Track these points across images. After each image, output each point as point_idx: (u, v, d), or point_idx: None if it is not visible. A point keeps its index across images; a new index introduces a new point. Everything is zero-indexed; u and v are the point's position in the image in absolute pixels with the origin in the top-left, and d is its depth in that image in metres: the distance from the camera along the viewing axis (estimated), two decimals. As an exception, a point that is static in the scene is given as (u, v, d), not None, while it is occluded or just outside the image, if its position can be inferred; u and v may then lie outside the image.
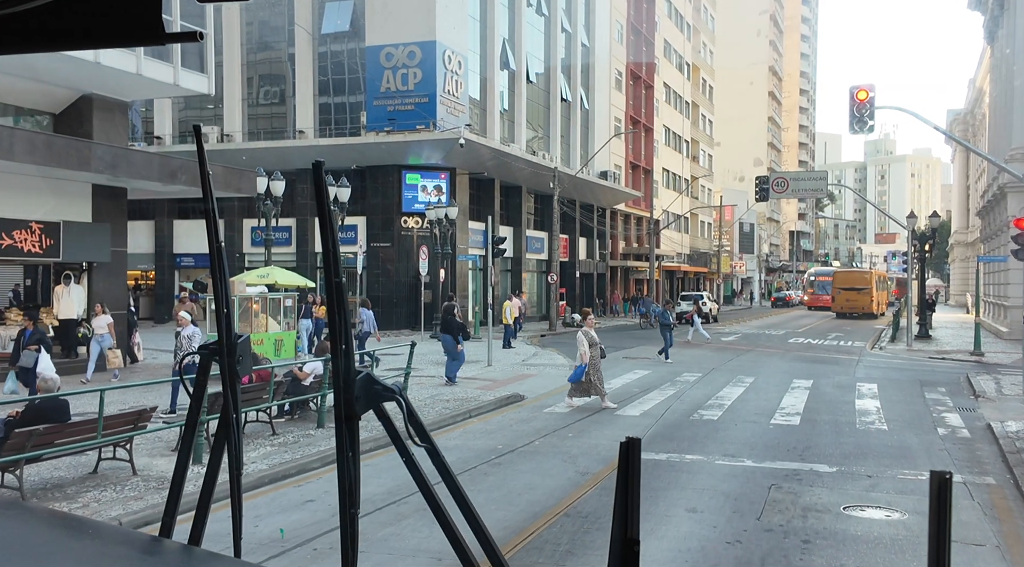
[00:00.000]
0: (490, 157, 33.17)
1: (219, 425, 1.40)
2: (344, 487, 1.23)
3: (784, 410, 13.91)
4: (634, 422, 12.40)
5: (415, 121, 31.07)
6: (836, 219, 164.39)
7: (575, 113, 46.33)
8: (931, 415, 13.79)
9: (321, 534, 6.74)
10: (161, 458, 9.31)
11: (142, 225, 35.05)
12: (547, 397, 15.03)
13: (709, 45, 78.21)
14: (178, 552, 1.23)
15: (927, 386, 17.86)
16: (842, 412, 13.84)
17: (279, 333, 16.38)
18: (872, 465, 9.68)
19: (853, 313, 47.33)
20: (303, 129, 32.84)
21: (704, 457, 9.90)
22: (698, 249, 72.44)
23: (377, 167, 31.57)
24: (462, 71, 32.71)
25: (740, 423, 12.51)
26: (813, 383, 17.86)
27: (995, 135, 42.56)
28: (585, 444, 10.61)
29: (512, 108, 39.35)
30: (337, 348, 1.22)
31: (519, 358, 21.67)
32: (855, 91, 16.41)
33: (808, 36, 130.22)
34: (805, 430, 12.07)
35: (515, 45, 38.66)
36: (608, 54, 49.47)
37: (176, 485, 1.37)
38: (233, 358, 1.34)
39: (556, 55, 43.23)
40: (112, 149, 15.63)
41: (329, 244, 1.24)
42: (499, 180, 37.00)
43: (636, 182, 55.51)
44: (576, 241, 45.52)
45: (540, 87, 42.46)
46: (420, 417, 1.24)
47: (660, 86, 60.60)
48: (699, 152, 74.61)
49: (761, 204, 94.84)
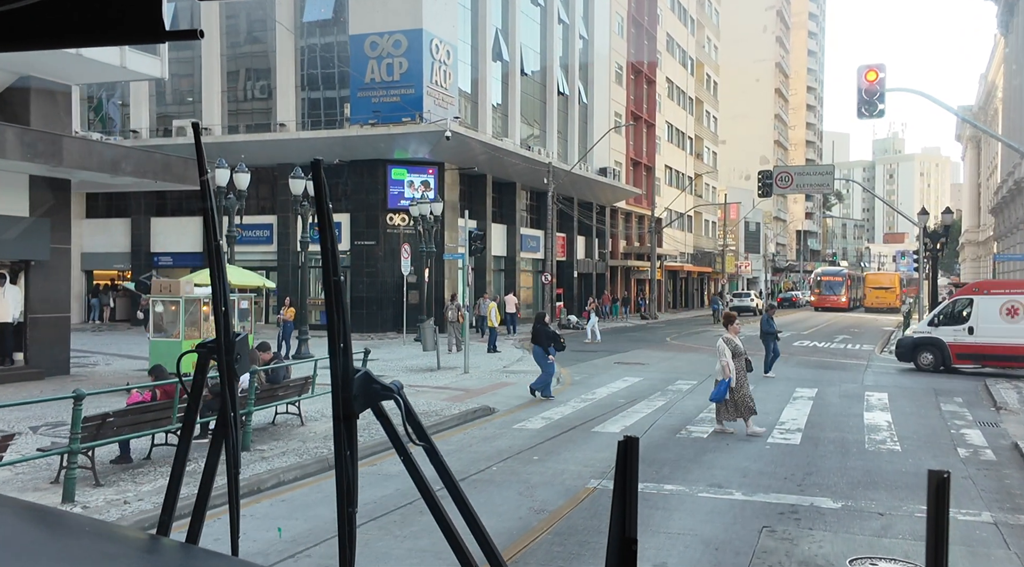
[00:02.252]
0: (481, 151, 31.74)
1: (217, 424, 1.37)
2: (342, 486, 1.22)
3: (784, 425, 12.42)
4: (611, 442, 10.88)
5: (401, 113, 29.66)
6: (844, 218, 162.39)
7: (573, 108, 44.84)
8: (949, 432, 12.29)
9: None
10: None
11: (118, 223, 33.78)
12: (520, 410, 13.57)
13: (714, 40, 76.55)
14: (176, 550, 1.23)
15: (942, 396, 16.35)
16: (849, 428, 12.35)
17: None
18: (884, 498, 8.20)
19: (882, 307, 60.68)
20: (285, 122, 31.47)
21: (686, 488, 8.42)
22: (702, 249, 70.77)
23: (362, 162, 30.19)
24: (451, 61, 31.27)
25: (733, 442, 11.03)
26: (818, 392, 16.37)
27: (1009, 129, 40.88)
28: (549, 471, 9.15)
29: (506, 101, 37.89)
30: (335, 346, 1.20)
31: (501, 364, 20.21)
32: (863, 72, 14.89)
33: (815, 33, 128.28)
34: (807, 451, 10.58)
35: (509, 36, 37.21)
36: (608, 47, 47.95)
37: (173, 483, 1.35)
38: (231, 356, 1.32)
39: (553, 47, 41.75)
40: (44, 135, 14.23)
41: (328, 243, 1.24)
42: (492, 176, 35.55)
43: (637, 179, 53.96)
44: (574, 240, 44.02)
45: (536, 80, 41.00)
46: (419, 416, 1.21)
47: (662, 81, 59.02)
48: (703, 149, 72.95)
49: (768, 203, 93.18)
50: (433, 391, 15.00)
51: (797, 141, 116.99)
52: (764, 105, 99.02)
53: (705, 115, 73.86)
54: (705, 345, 28.56)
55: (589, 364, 21.12)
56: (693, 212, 68.09)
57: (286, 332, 20.44)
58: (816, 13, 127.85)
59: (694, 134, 69.44)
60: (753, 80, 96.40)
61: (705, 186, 73.81)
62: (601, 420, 12.62)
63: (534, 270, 40.24)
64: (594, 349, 25.88)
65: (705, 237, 73.74)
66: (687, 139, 67.11)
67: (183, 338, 14.16)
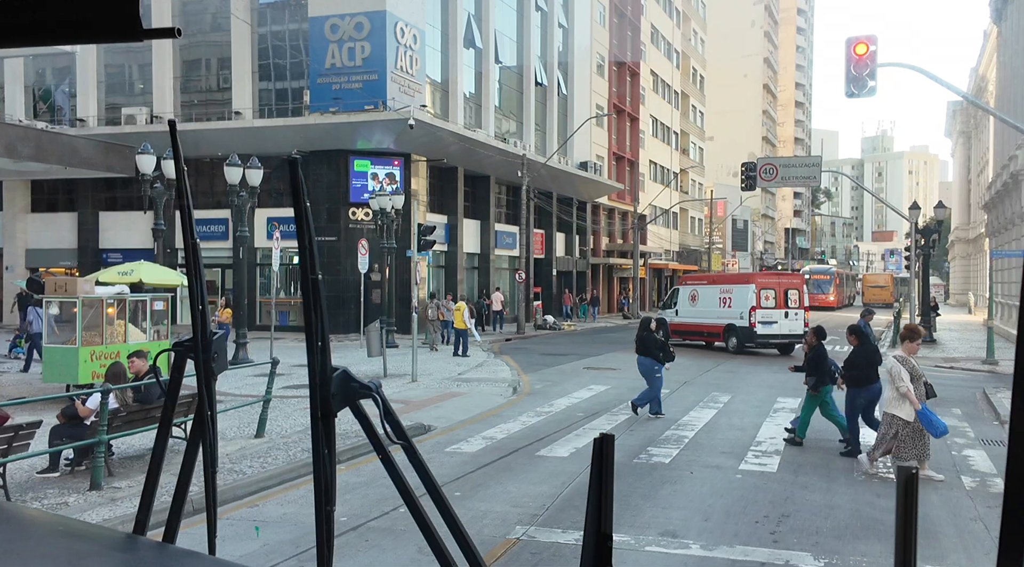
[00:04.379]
0: (451, 142, 30.01)
1: (194, 423, 1.37)
2: (320, 485, 1.22)
3: (761, 446, 10.79)
4: (556, 469, 9.24)
5: (363, 101, 27.88)
6: (833, 216, 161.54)
7: (552, 99, 43.14)
8: (950, 452, 10.69)
9: None
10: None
11: (65, 217, 31.92)
12: (463, 427, 11.87)
13: (700, 33, 74.95)
14: (152, 549, 1.23)
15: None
16: (835, 448, 10.73)
17: (142, 344, 13.20)
18: (877, 551, 6.55)
19: (878, 303, 63.29)
20: (240, 110, 29.62)
21: (631, 538, 6.75)
22: (688, 246, 69.25)
23: (322, 152, 28.40)
24: (418, 46, 29.49)
25: (698, 469, 9.38)
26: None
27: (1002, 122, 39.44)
28: (469, 513, 7.45)
29: (479, 91, 36.15)
30: (313, 345, 1.20)
31: (457, 370, 18.49)
32: (852, 44, 13.26)
33: (804, 29, 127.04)
34: (785, 480, 8.95)
35: (482, 22, 35.47)
36: (589, 37, 46.23)
37: (150, 483, 1.34)
38: (208, 355, 1.32)
39: (530, 35, 40.02)
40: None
41: (305, 240, 1.22)
42: (464, 169, 33.83)
43: (620, 175, 52.31)
44: (553, 237, 42.35)
45: (512, 70, 39.27)
46: (397, 415, 1.21)
47: (647, 74, 57.38)
48: (689, 145, 71.39)
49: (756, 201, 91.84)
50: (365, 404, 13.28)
51: (785, 138, 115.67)
52: (752, 101, 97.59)
53: (691, 110, 72.29)
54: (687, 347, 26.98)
55: (555, 370, 19.45)
56: (679, 209, 66.56)
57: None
58: (805, 9, 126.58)
59: (680, 129, 67.85)
60: (741, 75, 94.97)
61: (692, 182, 72.29)
62: (551, 440, 10.95)
63: (510, 268, 38.55)
64: (565, 351, 24.23)
65: (691, 234, 72.21)
66: (672, 134, 65.51)
67: (80, 345, 12.40)
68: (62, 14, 0.88)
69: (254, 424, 10.59)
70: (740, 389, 16.57)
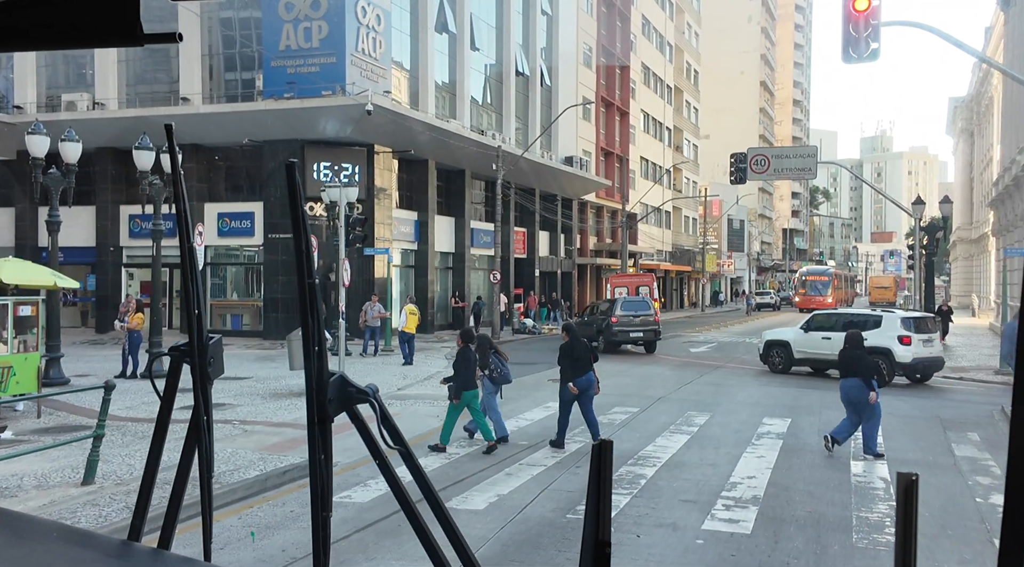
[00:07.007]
0: (420, 132, 27.81)
1: (190, 428, 1.35)
2: (316, 490, 1.22)
3: (736, 488, 8.59)
4: (463, 527, 7.02)
5: (321, 85, 25.67)
6: (831, 217, 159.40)
7: (534, 91, 40.94)
8: (974, 499, 8.47)
9: None
10: None
11: (2, 213, 29.66)
12: (370, 463, 9.63)
13: (694, 26, 72.75)
14: (147, 555, 1.23)
15: (952, 429, 12.59)
16: (829, 491, 8.55)
17: (6, 357, 11.01)
18: None
19: (882, 302, 62.74)
20: (188, 96, 27.39)
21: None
22: (682, 246, 66.99)
23: (277, 142, 26.21)
24: (382, 28, 27.28)
25: (650, 529, 7.15)
26: (791, 424, 12.57)
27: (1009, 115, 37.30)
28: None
29: (454, 79, 33.96)
30: (310, 349, 1.19)
31: (399, 384, 16.23)
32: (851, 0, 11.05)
33: (802, 26, 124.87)
34: (762, 547, 6.74)
35: (456, 5, 33.26)
36: (575, 25, 44.03)
37: (145, 488, 1.35)
38: (204, 359, 1.32)
39: (510, 22, 37.83)
40: None
41: (302, 244, 1.20)
42: (436, 162, 31.64)
43: (609, 171, 50.13)
44: (535, 235, 40.14)
45: (490, 58, 37.07)
46: (394, 420, 1.21)
47: (638, 66, 55.21)
48: (683, 142, 69.17)
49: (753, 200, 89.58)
50: (263, 431, 10.98)
51: (783, 137, 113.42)
52: (749, 98, 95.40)
53: (685, 106, 70.09)
54: (670, 353, 24.80)
55: (515, 383, 17.20)
56: (672, 208, 64.38)
57: (132, 345, 16.42)
58: (803, 5, 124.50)
59: (673, 125, 65.67)
60: (737, 72, 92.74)
61: (685, 181, 70.10)
62: (474, 481, 8.74)
63: (488, 267, 36.32)
64: (535, 360, 22.02)
65: (685, 234, 70.00)
66: (665, 130, 63.31)
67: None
68: (63, 18, 0.88)
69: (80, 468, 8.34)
70: (721, 407, 14.37)
